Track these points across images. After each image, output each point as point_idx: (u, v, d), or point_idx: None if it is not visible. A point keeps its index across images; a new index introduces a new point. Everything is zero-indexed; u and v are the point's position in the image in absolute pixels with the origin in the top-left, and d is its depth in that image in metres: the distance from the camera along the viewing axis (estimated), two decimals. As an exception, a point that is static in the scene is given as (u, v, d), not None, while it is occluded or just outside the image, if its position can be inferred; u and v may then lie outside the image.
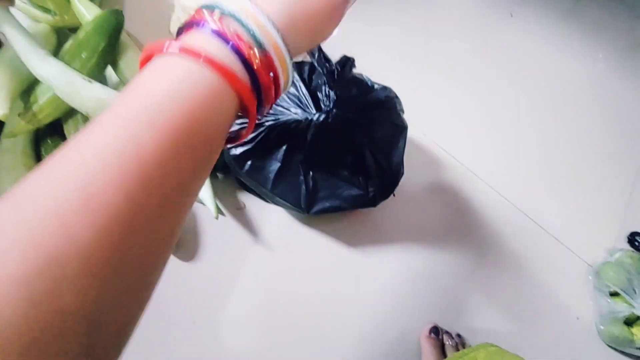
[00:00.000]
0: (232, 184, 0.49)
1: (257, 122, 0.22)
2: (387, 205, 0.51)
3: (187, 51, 0.17)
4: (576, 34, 0.70)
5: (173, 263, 0.45)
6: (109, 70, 0.47)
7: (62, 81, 0.38)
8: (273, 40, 0.19)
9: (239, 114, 0.20)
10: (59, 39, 0.47)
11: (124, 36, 0.47)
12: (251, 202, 0.49)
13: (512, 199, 0.55)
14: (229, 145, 0.22)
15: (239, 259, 0.47)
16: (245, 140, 0.36)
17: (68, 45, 0.43)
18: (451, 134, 0.57)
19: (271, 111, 0.43)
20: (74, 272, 0.13)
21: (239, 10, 0.19)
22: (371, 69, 0.48)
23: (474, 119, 0.59)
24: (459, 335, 0.46)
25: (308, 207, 0.42)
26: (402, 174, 0.46)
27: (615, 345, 0.51)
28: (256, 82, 0.19)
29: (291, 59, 0.21)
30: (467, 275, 0.51)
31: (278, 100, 0.43)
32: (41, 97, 0.40)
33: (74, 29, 0.46)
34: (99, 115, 0.16)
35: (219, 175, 0.49)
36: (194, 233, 0.46)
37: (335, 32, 0.24)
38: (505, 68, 0.63)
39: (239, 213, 0.48)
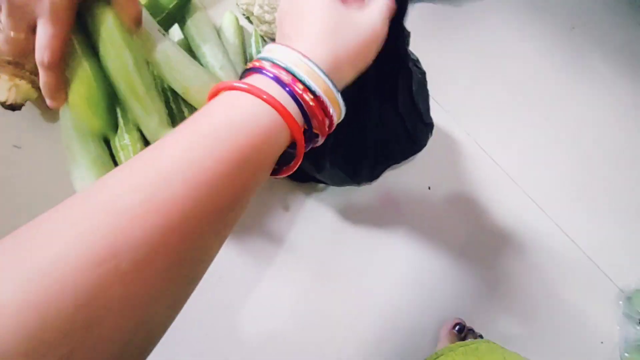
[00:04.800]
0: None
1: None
2: (421, 198, 0.52)
3: (252, 90, 0.20)
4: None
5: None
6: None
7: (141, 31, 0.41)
8: (322, 84, 0.22)
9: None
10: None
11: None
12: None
13: (549, 211, 0.54)
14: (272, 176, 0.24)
15: (258, 247, 0.48)
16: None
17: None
18: (496, 137, 0.56)
19: None
20: (127, 267, 0.14)
21: (291, 62, 0.21)
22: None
23: (525, 131, 0.58)
24: (481, 336, 0.45)
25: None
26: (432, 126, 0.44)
27: (637, 374, 0.49)
28: (308, 120, 0.22)
29: (339, 92, 0.23)
30: (492, 279, 0.50)
31: None
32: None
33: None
34: (167, 135, 0.19)
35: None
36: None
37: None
38: (569, 86, 0.61)
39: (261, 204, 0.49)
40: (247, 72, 0.23)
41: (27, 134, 0.47)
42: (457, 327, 0.44)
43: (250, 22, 0.54)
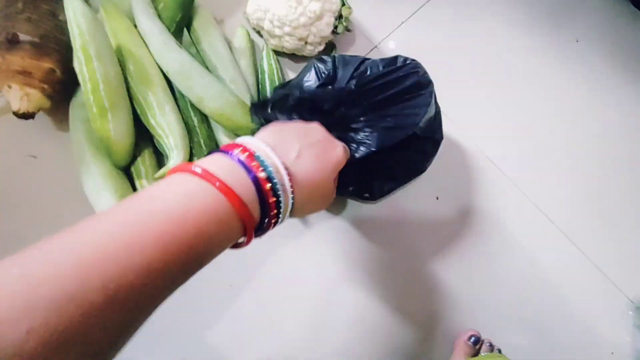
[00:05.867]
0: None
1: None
2: (429, 208, 0.52)
3: (206, 174, 0.20)
4: None
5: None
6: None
7: (159, 40, 0.42)
8: (285, 188, 0.23)
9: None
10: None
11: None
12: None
13: (557, 222, 0.54)
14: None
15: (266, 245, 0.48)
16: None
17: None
18: (503, 148, 0.57)
19: None
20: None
21: (267, 158, 0.23)
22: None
23: (533, 141, 0.58)
24: (499, 351, 0.45)
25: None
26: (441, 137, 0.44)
27: (649, 386, 0.48)
28: (265, 213, 0.23)
29: (289, 210, 0.25)
30: (502, 290, 0.50)
31: None
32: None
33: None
34: (114, 207, 0.19)
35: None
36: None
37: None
38: (578, 98, 0.62)
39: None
40: (214, 152, 0.24)
41: (41, 143, 0.47)
42: (472, 339, 0.44)
43: (261, 36, 0.55)
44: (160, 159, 0.47)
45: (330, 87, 0.39)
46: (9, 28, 0.42)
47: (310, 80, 0.39)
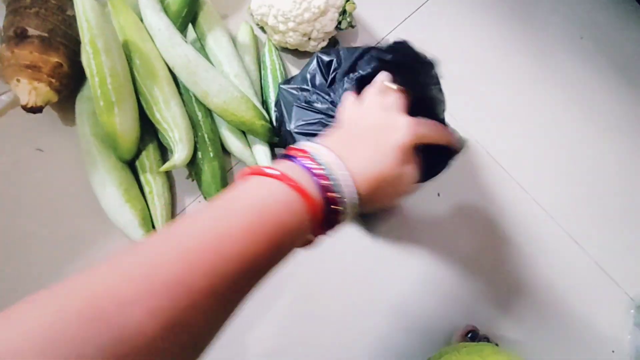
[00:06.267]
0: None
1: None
2: (430, 205, 0.52)
3: (283, 176, 0.23)
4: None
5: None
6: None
7: (165, 34, 0.42)
8: (351, 192, 0.25)
9: None
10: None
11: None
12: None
13: (559, 219, 0.54)
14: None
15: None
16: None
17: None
18: (506, 145, 0.57)
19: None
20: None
21: (329, 162, 0.25)
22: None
23: (535, 138, 0.58)
24: (497, 345, 0.45)
25: None
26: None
27: (650, 384, 0.48)
28: (329, 213, 0.24)
29: (357, 209, 0.26)
30: (502, 287, 0.50)
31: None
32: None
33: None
34: (203, 207, 0.21)
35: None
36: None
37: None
38: (581, 95, 0.62)
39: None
40: (281, 158, 0.26)
41: (47, 137, 0.48)
42: (470, 334, 0.44)
43: (264, 31, 0.55)
44: (164, 153, 0.48)
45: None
46: (17, 23, 0.43)
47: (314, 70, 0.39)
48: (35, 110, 0.43)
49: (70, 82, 0.46)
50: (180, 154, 0.43)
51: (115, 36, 0.42)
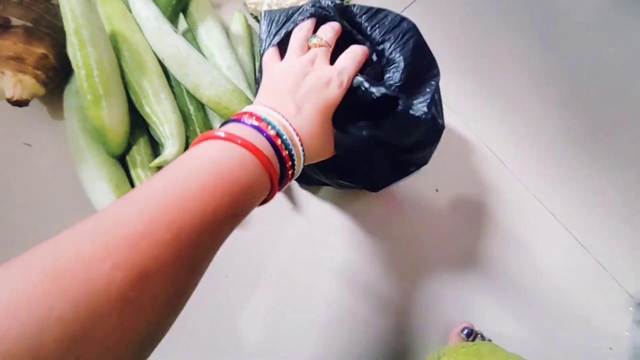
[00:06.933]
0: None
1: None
2: (428, 200, 0.51)
3: (229, 135, 0.23)
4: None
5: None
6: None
7: (154, 25, 0.41)
8: (294, 141, 0.26)
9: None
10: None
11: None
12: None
13: (558, 215, 0.54)
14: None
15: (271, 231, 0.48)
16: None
17: None
18: (506, 140, 0.56)
19: None
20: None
21: (273, 118, 0.26)
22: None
23: (536, 133, 0.57)
24: (490, 341, 0.45)
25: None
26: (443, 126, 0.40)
27: (647, 381, 0.48)
28: (282, 167, 0.26)
29: (302, 160, 0.28)
30: (500, 283, 0.50)
31: None
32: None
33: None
34: (163, 169, 0.22)
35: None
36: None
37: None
38: (581, 89, 0.61)
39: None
40: (227, 122, 0.26)
41: (36, 131, 0.47)
42: (465, 331, 0.44)
43: (258, 21, 0.53)
44: (156, 147, 0.47)
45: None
46: (0, 12, 0.41)
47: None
48: (21, 103, 0.42)
49: (57, 74, 0.44)
50: (171, 148, 0.42)
51: (101, 26, 0.40)
